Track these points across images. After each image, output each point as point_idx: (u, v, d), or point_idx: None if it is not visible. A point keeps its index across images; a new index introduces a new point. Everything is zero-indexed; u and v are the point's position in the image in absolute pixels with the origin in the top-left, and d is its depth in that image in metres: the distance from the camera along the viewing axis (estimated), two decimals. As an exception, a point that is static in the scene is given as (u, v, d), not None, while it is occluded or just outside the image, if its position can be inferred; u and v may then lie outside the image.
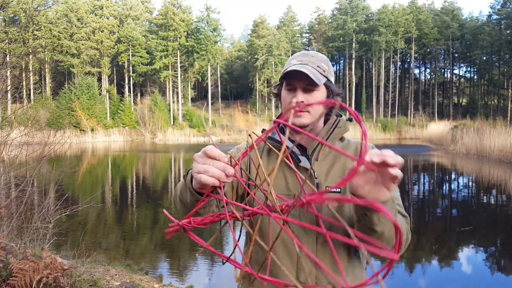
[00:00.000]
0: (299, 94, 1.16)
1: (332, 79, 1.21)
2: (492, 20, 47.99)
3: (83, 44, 44.90)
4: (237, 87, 61.71)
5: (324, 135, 1.20)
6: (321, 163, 1.19)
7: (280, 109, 1.36)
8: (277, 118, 1.34)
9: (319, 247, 1.12)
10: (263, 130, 1.28)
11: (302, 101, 1.15)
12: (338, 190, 1.12)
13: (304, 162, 1.16)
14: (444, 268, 5.12)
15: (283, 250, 1.13)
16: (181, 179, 1.06)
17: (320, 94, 1.19)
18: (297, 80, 1.16)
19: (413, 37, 49.03)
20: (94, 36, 45.76)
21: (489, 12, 49.24)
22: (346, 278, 0.62)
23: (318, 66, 1.17)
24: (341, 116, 1.28)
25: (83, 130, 38.74)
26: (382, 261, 4.50)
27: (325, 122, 1.27)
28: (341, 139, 1.25)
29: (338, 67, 59.75)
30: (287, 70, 1.16)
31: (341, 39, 50.70)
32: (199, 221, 0.68)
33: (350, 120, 1.28)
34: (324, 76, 1.17)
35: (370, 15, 50.74)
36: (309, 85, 1.15)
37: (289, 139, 1.25)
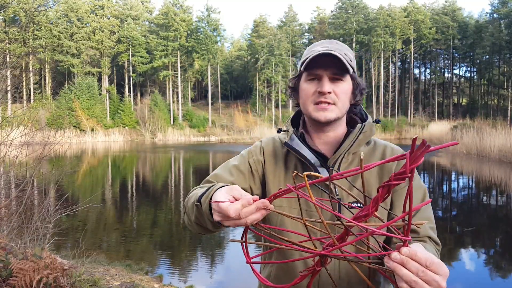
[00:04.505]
0: (325, 83, 1.02)
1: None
2: (495, 18, 47.82)
3: (83, 44, 44.87)
4: (237, 87, 61.70)
5: (348, 144, 1.06)
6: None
7: (291, 108, 1.26)
8: (294, 114, 1.20)
9: (341, 265, 1.04)
10: (279, 130, 1.18)
11: (329, 92, 1.02)
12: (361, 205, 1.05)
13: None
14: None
15: (303, 267, 1.05)
16: (188, 200, 1.00)
17: (346, 85, 1.06)
18: (324, 68, 1.02)
19: (412, 38, 49.00)
20: (94, 36, 45.73)
21: (489, 10, 49.10)
22: None
23: (345, 54, 1.03)
24: (366, 119, 1.14)
25: (83, 130, 38.72)
26: None
27: (347, 123, 1.15)
28: (367, 142, 1.13)
29: (338, 67, 59.61)
30: (312, 55, 1.01)
31: (341, 39, 50.66)
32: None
33: (377, 122, 1.14)
34: (351, 66, 1.04)
35: (368, 15, 50.74)
36: (337, 73, 1.03)
37: (310, 147, 1.09)
